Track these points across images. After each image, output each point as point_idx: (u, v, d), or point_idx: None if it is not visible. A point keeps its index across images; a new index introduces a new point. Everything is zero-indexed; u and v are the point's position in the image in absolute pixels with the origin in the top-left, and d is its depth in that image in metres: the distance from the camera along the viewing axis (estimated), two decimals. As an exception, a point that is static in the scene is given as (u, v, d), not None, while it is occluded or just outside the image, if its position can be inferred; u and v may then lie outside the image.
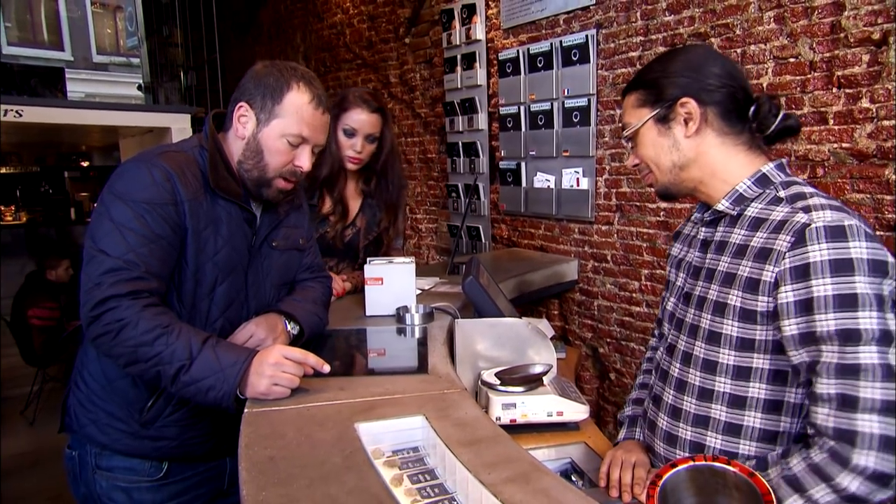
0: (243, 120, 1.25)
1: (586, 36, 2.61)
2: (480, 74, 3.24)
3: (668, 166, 1.09)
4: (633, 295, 2.60)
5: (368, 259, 1.79)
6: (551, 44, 2.77)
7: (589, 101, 2.64)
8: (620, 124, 1.35)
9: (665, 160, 1.08)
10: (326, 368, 1.17)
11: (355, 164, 1.97)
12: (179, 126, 3.44)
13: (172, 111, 3.62)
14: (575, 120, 2.70)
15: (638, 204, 2.53)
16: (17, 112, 2.79)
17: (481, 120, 3.28)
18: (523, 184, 3.04)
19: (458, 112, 3.41)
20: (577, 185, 2.74)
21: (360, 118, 1.92)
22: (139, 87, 8.84)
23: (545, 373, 1.49)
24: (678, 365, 1.10)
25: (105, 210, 1.13)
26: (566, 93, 2.73)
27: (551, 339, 2.35)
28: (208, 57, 5.79)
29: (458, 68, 3.37)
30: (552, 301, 2.96)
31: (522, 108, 2.98)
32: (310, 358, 1.15)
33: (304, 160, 1.28)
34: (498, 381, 1.46)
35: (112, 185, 1.15)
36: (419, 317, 1.70)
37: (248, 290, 1.33)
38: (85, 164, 9.63)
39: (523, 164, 3.03)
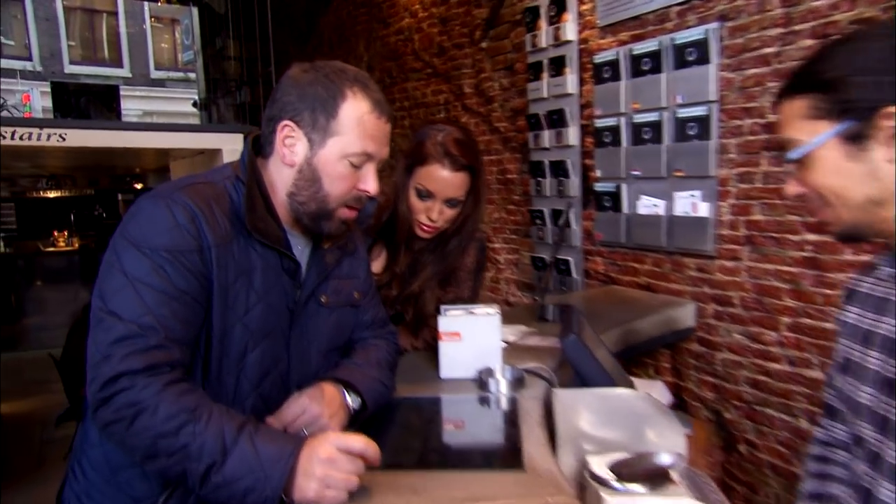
0: (290, 143, 1.15)
1: (706, 31, 2.44)
2: (571, 81, 3.15)
3: (859, 201, 0.88)
4: (770, 349, 2.35)
5: (443, 308, 1.65)
6: (660, 42, 2.63)
7: (709, 109, 2.47)
8: (769, 138, 1.12)
9: (856, 193, 0.88)
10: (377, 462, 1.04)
11: (429, 234, 1.74)
12: (232, 147, 3.46)
13: (224, 131, 3.64)
14: (690, 133, 2.54)
15: (775, 235, 2.30)
16: (60, 136, 2.86)
17: (572, 134, 3.19)
18: (624, 209, 2.91)
19: (543, 125, 3.34)
20: (694, 212, 2.57)
21: (440, 177, 1.66)
22: (194, 104, 9.22)
23: (674, 465, 1.28)
24: (892, 486, 0.86)
25: (116, 260, 1.03)
26: (679, 100, 2.58)
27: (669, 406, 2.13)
28: (263, 70, 5.91)
29: (545, 75, 3.29)
30: (662, 352, 2.77)
31: (623, 119, 2.85)
32: (369, 449, 1.01)
33: (371, 181, 1.18)
34: (613, 476, 1.26)
35: (125, 229, 1.06)
36: (507, 383, 1.54)
37: (289, 358, 1.22)
38: (139, 186, 10.12)
39: (624, 187, 2.90)
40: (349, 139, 1.13)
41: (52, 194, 9.86)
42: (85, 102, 5.71)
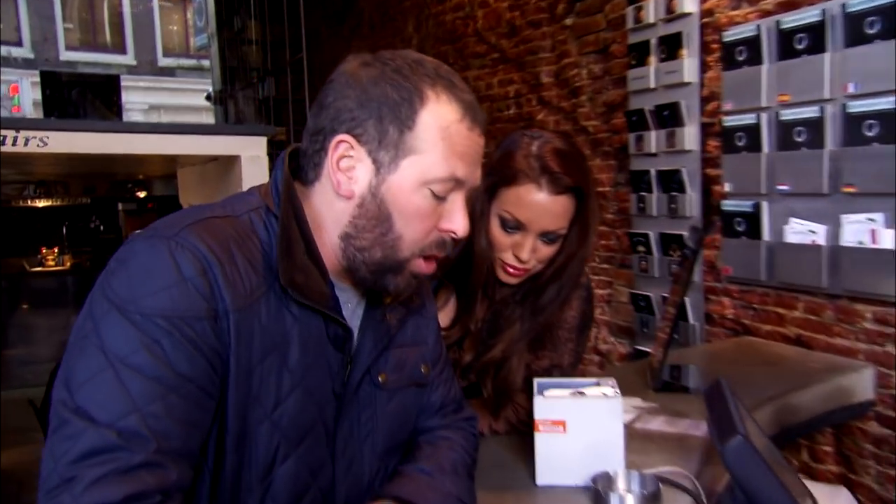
0: (347, 165, 1.04)
1: (895, -8, 2.30)
2: (690, 66, 3.05)
3: None
4: None
5: (537, 383, 1.51)
6: (823, 11, 2.49)
7: (898, 102, 2.32)
8: None
9: None
10: None
11: (516, 278, 1.62)
12: (252, 153, 3.41)
13: (242, 133, 3.59)
14: (868, 134, 2.39)
15: None
16: (41, 140, 2.83)
17: (689, 136, 3.09)
18: (765, 236, 2.78)
19: (649, 124, 3.25)
20: (873, 242, 2.41)
21: (534, 203, 1.55)
22: (208, 97, 9.37)
23: None
24: None
25: (92, 329, 0.92)
26: (851, 90, 2.43)
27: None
28: (292, 57, 5.86)
29: (652, 58, 3.20)
30: (823, 431, 2.59)
31: (765, 116, 2.73)
32: None
33: (459, 218, 1.08)
34: None
35: (108, 283, 0.95)
36: (635, 499, 1.36)
37: (334, 466, 1.12)
38: (142, 194, 10.29)
39: (765, 206, 2.77)
40: (431, 159, 1.03)
41: (40, 203, 10.11)
42: (77, 96, 5.76)
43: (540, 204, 1.54)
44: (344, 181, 1.05)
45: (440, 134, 1.03)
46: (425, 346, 1.28)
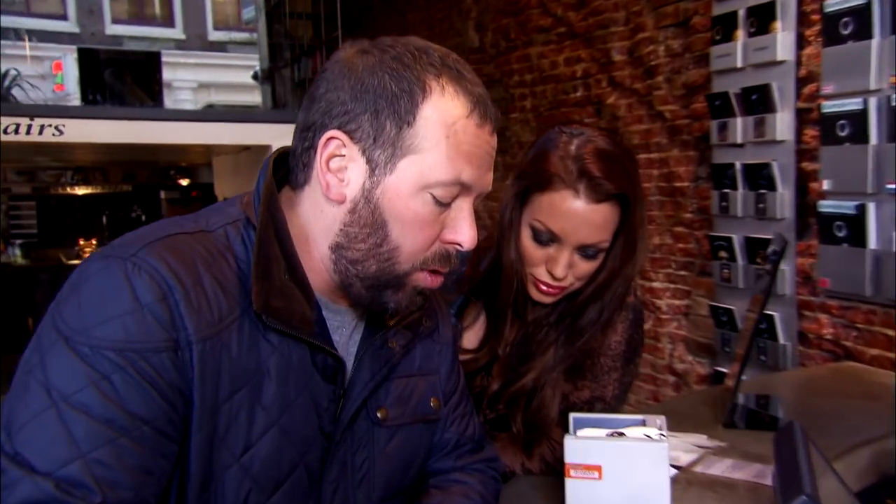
0: (338, 165, 1.04)
1: None
2: (783, 42, 2.99)
3: None
4: None
5: (573, 418, 1.45)
6: None
7: None
8: None
9: None
10: None
11: (551, 297, 1.61)
12: (284, 143, 3.39)
13: (273, 120, 3.63)
14: None
15: None
16: (56, 128, 2.91)
17: (782, 123, 3.04)
18: (871, 243, 2.70)
19: (735, 110, 3.20)
20: None
21: (571, 212, 1.53)
22: (254, 76, 9.55)
23: None
24: None
25: (39, 363, 0.91)
26: None
27: None
28: (327, 36, 5.89)
29: (740, 33, 3.16)
30: None
31: (874, 100, 2.64)
32: None
33: (465, 227, 1.08)
34: None
35: (57, 311, 0.94)
36: None
37: None
38: (184, 181, 10.61)
39: (871, 207, 2.69)
40: (433, 159, 1.03)
41: (79, 191, 10.54)
42: (111, 77, 5.95)
43: (577, 213, 1.52)
44: (334, 183, 1.04)
45: (444, 131, 1.02)
46: (436, 376, 1.27)
